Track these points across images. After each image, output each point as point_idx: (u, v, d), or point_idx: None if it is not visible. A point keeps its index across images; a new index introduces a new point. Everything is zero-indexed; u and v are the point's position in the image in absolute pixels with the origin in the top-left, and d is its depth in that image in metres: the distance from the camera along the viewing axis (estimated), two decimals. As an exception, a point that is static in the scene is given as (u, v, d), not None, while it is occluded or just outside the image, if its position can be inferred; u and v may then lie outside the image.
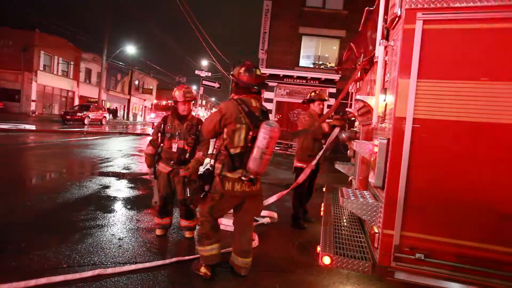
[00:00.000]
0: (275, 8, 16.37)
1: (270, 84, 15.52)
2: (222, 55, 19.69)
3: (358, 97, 2.68)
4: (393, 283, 2.61)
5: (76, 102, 30.40)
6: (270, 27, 17.03)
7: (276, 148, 13.86)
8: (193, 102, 3.55)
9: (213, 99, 73.51)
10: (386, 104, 2.16)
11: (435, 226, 1.85)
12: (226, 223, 3.83)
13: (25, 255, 2.72)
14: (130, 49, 29.97)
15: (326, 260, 2.00)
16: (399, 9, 1.95)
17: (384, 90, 2.18)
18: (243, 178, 2.44)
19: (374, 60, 2.36)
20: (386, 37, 2.27)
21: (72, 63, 30.59)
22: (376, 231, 2.00)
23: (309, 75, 15.25)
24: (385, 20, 2.25)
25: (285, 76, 15.37)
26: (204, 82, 14.66)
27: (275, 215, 4.30)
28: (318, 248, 2.09)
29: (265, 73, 3.27)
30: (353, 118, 4.36)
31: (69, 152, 9.44)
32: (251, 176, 2.44)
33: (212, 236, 2.65)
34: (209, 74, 16.54)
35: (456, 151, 1.83)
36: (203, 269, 2.62)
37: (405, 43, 1.92)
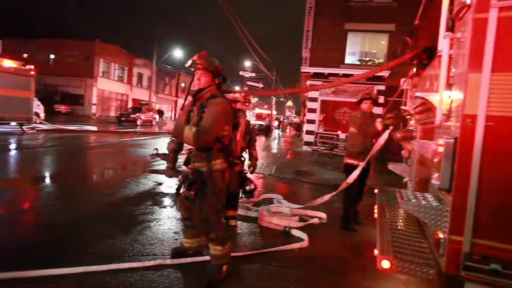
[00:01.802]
0: (319, 6, 16.03)
1: (315, 83, 15.26)
2: (264, 54, 19.78)
3: (418, 94, 2.52)
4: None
5: (130, 104, 32.79)
6: (313, 25, 16.72)
7: (321, 148, 13.60)
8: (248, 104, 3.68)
9: (255, 99, 74.31)
10: (451, 101, 2.01)
11: (513, 234, 1.67)
12: (277, 221, 3.86)
13: (97, 243, 3.01)
14: (177, 53, 31.55)
15: (385, 264, 1.91)
16: (469, -3, 1.80)
17: (450, 86, 2.03)
18: None
19: (437, 54, 2.20)
20: (451, 28, 2.11)
21: (126, 68, 33.07)
22: (441, 236, 1.87)
23: (356, 72, 14.68)
24: (450, 11, 2.10)
25: (330, 75, 14.99)
26: (248, 82, 14.90)
27: (324, 215, 4.23)
28: (376, 251, 2.01)
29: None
30: (408, 117, 4.12)
31: (125, 150, 10.23)
32: None
33: None
34: (253, 74, 16.71)
35: (539, 150, 1.64)
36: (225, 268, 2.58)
37: (476, 34, 1.76)
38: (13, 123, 12.09)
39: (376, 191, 4.12)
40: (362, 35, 15.31)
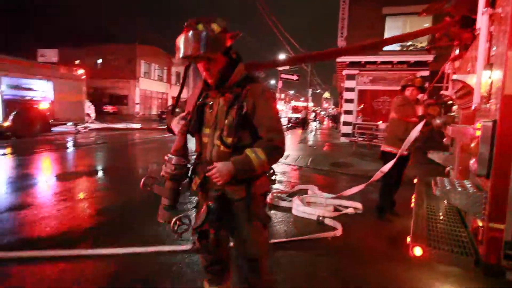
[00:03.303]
0: (356, -7, 15.37)
1: (351, 72, 14.76)
2: (298, 46, 19.48)
3: (455, 76, 2.38)
4: (500, 284, 2.30)
5: (169, 102, 34.36)
6: (349, 12, 16.08)
7: (359, 138, 13.16)
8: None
9: (292, 91, 73.32)
10: (491, 82, 1.89)
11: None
12: (310, 211, 3.89)
13: (143, 228, 3.30)
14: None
15: (417, 251, 1.87)
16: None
17: (490, 65, 1.90)
18: None
19: (476, 33, 2.07)
20: (491, 3, 1.97)
21: (165, 68, 34.60)
22: (480, 224, 1.79)
23: (396, 59, 13.91)
24: (490, -15, 1.96)
25: (367, 63, 14.38)
26: (282, 75, 14.79)
27: (359, 205, 4.17)
28: (408, 239, 1.97)
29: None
30: (450, 102, 3.88)
31: (166, 146, 10.81)
32: None
33: None
34: (287, 67, 16.60)
35: None
36: None
37: (517, 7, 1.64)
38: (69, 124, 13.32)
39: (415, 181, 3.97)
40: (402, 18, 14.41)
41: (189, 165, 1.62)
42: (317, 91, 48.06)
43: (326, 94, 44.51)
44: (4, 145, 8.84)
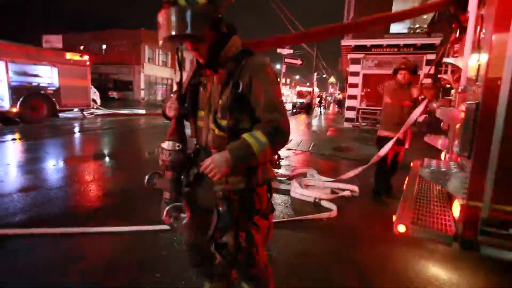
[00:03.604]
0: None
1: (356, 56, 14.56)
2: (303, 29, 19.06)
3: (446, 59, 2.42)
4: (479, 261, 2.41)
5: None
6: (356, -7, 15.68)
7: (363, 123, 13.15)
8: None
9: (297, 76, 72.48)
10: (479, 65, 1.93)
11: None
12: (307, 193, 4.01)
13: (148, 209, 3.46)
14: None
15: (401, 228, 1.98)
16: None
17: (478, 48, 1.94)
18: None
19: (467, 15, 2.09)
20: (482, -14, 1.99)
21: (169, 54, 34.37)
22: (461, 202, 1.87)
23: (402, 42, 13.65)
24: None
25: (373, 46, 14.15)
26: (286, 60, 14.63)
27: (356, 188, 4.26)
28: (394, 217, 2.08)
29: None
30: (448, 86, 3.89)
31: (171, 131, 10.97)
32: None
33: None
34: (291, 51, 16.43)
35: None
36: None
37: (503, -9, 1.66)
38: (75, 109, 13.50)
39: (412, 164, 4.03)
40: (410, 0, 14.05)
41: (189, 151, 1.46)
42: (323, 76, 47.38)
43: (332, 79, 43.88)
44: (13, 131, 9.08)
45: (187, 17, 1.19)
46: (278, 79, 1.35)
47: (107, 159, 6.31)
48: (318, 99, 32.61)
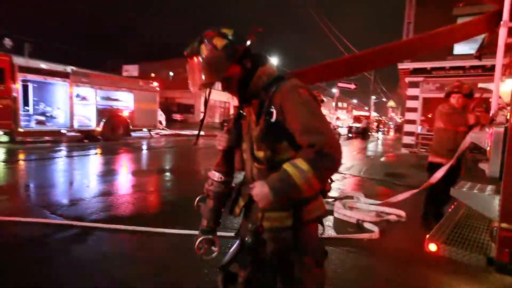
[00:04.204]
0: (423, -7, 14.57)
1: (415, 79, 13.97)
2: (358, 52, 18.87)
3: (480, 85, 2.44)
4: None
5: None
6: (415, 16, 15.26)
7: (421, 150, 12.36)
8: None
9: (354, 100, 70.55)
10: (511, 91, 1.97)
11: None
12: (350, 214, 4.06)
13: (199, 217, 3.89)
14: (273, 60, 33.24)
15: (432, 247, 2.01)
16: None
17: (510, 74, 1.99)
18: None
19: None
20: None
21: (228, 79, 36.76)
22: (495, 225, 1.88)
23: (468, 63, 12.78)
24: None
25: (433, 69, 13.48)
26: (339, 84, 14.63)
27: (402, 213, 4.17)
28: (427, 236, 2.11)
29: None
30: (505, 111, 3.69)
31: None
32: None
33: None
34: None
35: None
36: None
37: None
38: (144, 130, 15.25)
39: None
40: (476, 20, 13.21)
41: (233, 184, 1.45)
42: (383, 100, 45.47)
43: (391, 103, 41.89)
44: (95, 146, 10.68)
45: (207, 65, 1.22)
46: (316, 98, 1.23)
47: (168, 173, 7.10)
48: (376, 124, 31.38)
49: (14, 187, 5.22)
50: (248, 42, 1.26)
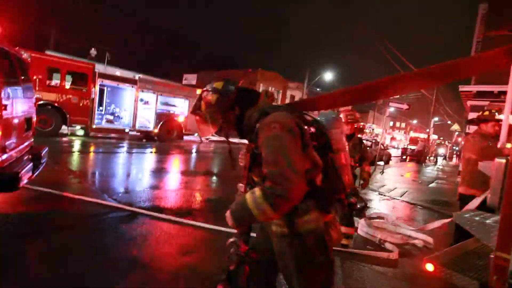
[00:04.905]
0: (493, 12, 13.57)
1: (479, 103, 12.93)
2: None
3: (498, 116, 2.44)
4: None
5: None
6: (484, 33, 14.19)
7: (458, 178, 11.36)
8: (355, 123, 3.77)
9: (414, 121, 66.11)
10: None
11: None
12: (373, 233, 4.11)
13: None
14: (327, 76, 33.04)
15: (429, 267, 2.10)
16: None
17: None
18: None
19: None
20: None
21: (280, 91, 37.42)
22: (492, 252, 1.94)
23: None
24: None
25: (501, 93, 12.35)
26: (391, 104, 14.13)
27: (430, 240, 4.09)
28: (426, 257, 2.20)
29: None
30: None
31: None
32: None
33: None
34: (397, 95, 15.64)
35: None
36: None
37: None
38: (195, 134, 16.42)
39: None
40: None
41: None
42: (448, 122, 41.86)
43: (455, 126, 38.36)
44: (151, 146, 11.91)
45: (204, 122, 1.59)
46: (289, 129, 1.27)
47: (211, 175, 7.74)
48: (441, 149, 29.09)
49: (84, 173, 6.24)
50: (237, 88, 1.52)
